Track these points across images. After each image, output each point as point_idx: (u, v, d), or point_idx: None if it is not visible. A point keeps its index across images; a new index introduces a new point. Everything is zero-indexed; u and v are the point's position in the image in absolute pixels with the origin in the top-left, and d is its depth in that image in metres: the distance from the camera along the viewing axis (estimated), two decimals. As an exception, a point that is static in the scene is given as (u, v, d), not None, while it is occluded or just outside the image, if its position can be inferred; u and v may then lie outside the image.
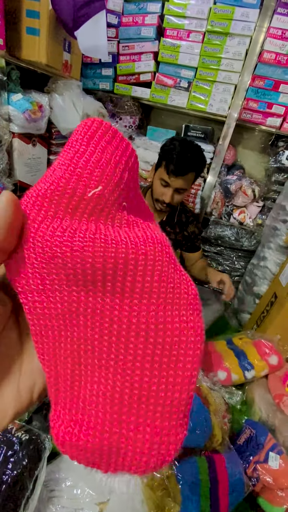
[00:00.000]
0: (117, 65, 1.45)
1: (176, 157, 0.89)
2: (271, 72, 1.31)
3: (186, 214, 1.15)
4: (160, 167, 0.96)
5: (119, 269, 0.13)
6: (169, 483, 0.67)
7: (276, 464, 0.83)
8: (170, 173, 0.91)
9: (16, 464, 0.56)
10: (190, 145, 0.93)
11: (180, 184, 0.93)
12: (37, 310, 0.14)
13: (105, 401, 0.14)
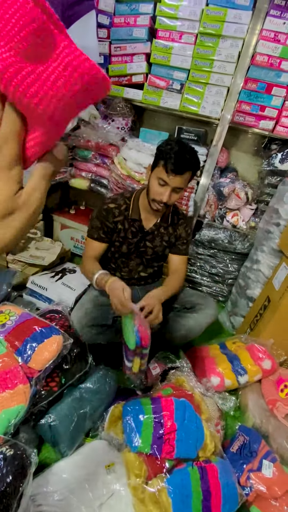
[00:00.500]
0: (109, 66, 1.43)
1: (175, 156, 0.91)
2: (264, 75, 1.30)
3: (178, 216, 1.15)
4: (157, 167, 0.97)
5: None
6: (160, 497, 0.65)
7: (270, 472, 0.82)
8: (170, 171, 0.93)
9: (0, 481, 0.54)
10: (186, 146, 0.96)
11: (178, 183, 0.95)
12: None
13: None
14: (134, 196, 1.10)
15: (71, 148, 1.64)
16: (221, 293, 1.79)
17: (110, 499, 0.72)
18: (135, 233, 1.10)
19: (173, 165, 0.92)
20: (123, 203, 1.09)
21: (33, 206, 0.22)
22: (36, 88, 0.18)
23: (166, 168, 0.93)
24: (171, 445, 0.73)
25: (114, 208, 1.07)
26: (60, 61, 0.18)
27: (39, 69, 0.18)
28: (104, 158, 1.61)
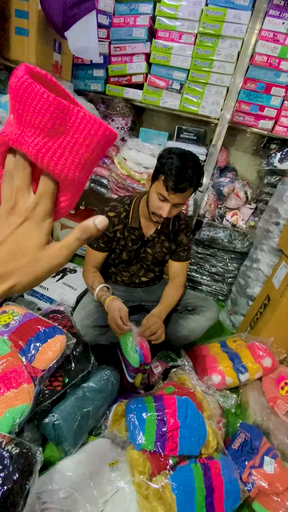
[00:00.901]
0: (109, 66, 1.43)
1: (176, 174, 0.86)
2: (263, 75, 1.31)
3: (179, 222, 1.13)
4: (157, 181, 0.92)
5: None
6: (164, 494, 0.66)
7: (271, 469, 0.83)
8: (170, 189, 0.87)
9: (6, 479, 0.54)
10: (189, 159, 0.89)
11: (178, 200, 0.91)
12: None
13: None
14: (134, 203, 1.06)
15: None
16: (221, 292, 1.80)
17: (114, 496, 0.73)
18: (135, 240, 1.08)
19: (173, 183, 0.86)
20: (122, 211, 1.05)
21: (57, 260, 0.24)
22: (63, 161, 0.22)
23: (167, 186, 0.87)
24: (174, 442, 0.74)
25: (113, 217, 1.04)
26: (80, 132, 0.22)
27: (64, 142, 0.22)
28: (104, 158, 1.62)
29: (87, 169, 0.24)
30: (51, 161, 0.22)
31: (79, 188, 0.25)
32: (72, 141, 0.22)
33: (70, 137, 0.22)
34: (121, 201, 1.08)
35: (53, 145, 0.22)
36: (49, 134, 0.21)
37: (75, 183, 0.24)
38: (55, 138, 0.22)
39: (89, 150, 0.22)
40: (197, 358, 1.20)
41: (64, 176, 0.23)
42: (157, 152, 1.49)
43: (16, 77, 0.20)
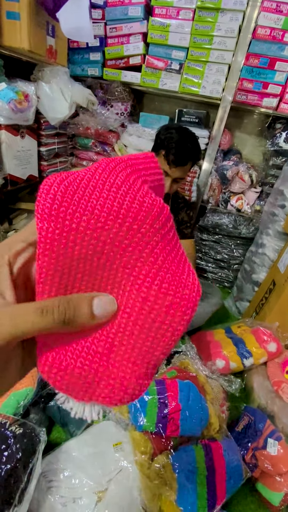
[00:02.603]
0: (105, 49, 1.39)
1: (176, 147, 0.88)
2: (266, 49, 1.24)
3: (178, 201, 1.13)
4: (157, 156, 0.93)
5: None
6: (165, 472, 0.67)
7: (275, 450, 0.84)
8: (171, 163, 0.89)
9: (10, 458, 0.56)
10: (188, 133, 0.92)
11: (179, 174, 0.93)
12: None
13: (96, 345, 0.17)
14: None
15: (70, 136, 1.62)
16: (227, 279, 1.78)
17: (118, 475, 0.75)
18: None
19: (175, 156, 0.88)
20: None
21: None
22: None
23: (168, 160, 0.89)
24: (175, 424, 0.75)
25: None
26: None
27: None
28: (104, 146, 1.59)
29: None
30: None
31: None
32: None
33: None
34: None
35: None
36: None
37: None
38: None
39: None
40: (201, 344, 1.20)
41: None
42: (157, 137, 1.45)
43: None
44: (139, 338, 0.17)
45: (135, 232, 0.16)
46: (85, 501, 0.69)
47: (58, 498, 0.69)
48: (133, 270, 0.16)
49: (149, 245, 0.16)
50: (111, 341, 0.17)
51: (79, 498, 0.70)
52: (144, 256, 0.16)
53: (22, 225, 1.51)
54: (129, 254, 0.16)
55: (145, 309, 0.17)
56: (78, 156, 1.68)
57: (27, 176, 1.36)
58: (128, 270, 0.17)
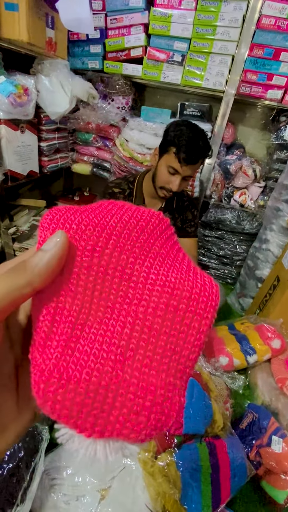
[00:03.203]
0: (106, 41, 1.36)
1: (187, 145, 0.85)
2: (271, 39, 1.21)
3: (183, 199, 1.11)
4: (166, 153, 0.90)
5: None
6: (169, 470, 0.67)
7: (279, 448, 0.83)
8: (182, 161, 0.87)
9: (12, 457, 0.56)
10: (199, 131, 0.89)
11: (189, 172, 0.91)
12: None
13: (105, 350, 0.13)
14: (137, 180, 1.05)
15: (71, 131, 1.60)
16: (230, 275, 1.77)
17: (121, 472, 0.75)
18: None
19: (186, 154, 0.85)
20: (126, 188, 1.04)
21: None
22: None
23: (179, 158, 0.86)
24: (179, 421, 0.74)
25: (118, 193, 1.04)
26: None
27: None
28: (105, 141, 1.57)
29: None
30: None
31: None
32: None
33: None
34: (125, 178, 1.08)
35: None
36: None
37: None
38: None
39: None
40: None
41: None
42: (160, 131, 1.43)
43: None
44: (162, 333, 0.14)
45: (138, 235, 0.15)
46: (88, 499, 0.69)
47: (61, 496, 0.68)
48: (145, 266, 0.15)
49: (156, 245, 0.16)
50: (125, 343, 0.14)
51: (82, 496, 0.70)
52: (154, 253, 0.16)
53: (23, 221, 1.50)
54: (138, 253, 0.15)
55: (165, 296, 0.14)
56: (79, 152, 1.66)
57: (27, 172, 1.35)
58: (139, 267, 0.15)
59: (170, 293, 0.15)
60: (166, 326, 0.14)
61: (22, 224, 1.49)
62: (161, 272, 0.15)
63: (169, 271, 0.15)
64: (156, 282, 0.15)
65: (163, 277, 0.15)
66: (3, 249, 1.44)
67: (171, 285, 0.15)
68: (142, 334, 0.14)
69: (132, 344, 0.14)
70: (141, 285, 0.15)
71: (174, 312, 0.14)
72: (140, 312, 0.14)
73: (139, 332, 0.14)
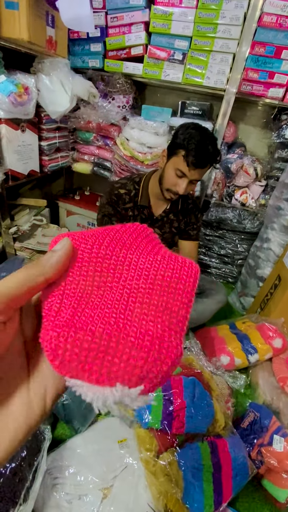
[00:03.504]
0: (106, 39, 1.35)
1: (197, 148, 0.84)
2: (272, 37, 1.20)
3: (187, 201, 1.10)
4: (175, 156, 0.89)
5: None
6: (171, 469, 0.67)
7: (281, 447, 0.83)
8: (191, 164, 0.86)
9: (14, 457, 0.56)
10: (209, 135, 0.88)
11: (197, 176, 0.90)
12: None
13: (107, 311, 0.16)
14: (143, 181, 1.04)
15: (71, 130, 1.60)
16: (231, 275, 1.76)
17: (123, 471, 0.75)
18: (144, 220, 1.06)
19: (195, 158, 0.84)
20: (132, 189, 1.04)
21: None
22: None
23: (188, 161, 0.85)
24: (181, 421, 0.74)
25: (124, 193, 1.03)
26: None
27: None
28: (106, 140, 1.57)
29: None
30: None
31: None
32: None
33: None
34: (131, 179, 1.06)
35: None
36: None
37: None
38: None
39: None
40: (205, 340, 1.19)
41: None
42: (160, 130, 1.42)
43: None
44: (153, 294, 0.17)
45: (127, 237, 0.19)
46: (91, 498, 0.69)
47: (63, 495, 0.69)
48: (134, 255, 0.19)
49: (141, 243, 0.20)
50: (124, 305, 0.16)
51: (84, 495, 0.70)
52: (140, 248, 0.19)
53: (24, 221, 1.50)
54: (127, 248, 0.19)
55: (153, 270, 0.18)
56: (79, 151, 1.66)
57: (28, 171, 1.34)
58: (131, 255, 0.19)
59: (157, 268, 0.18)
60: (156, 289, 0.17)
61: (23, 224, 1.49)
62: (147, 257, 0.19)
63: (155, 256, 0.19)
64: (145, 263, 0.18)
65: (150, 258, 0.19)
66: (4, 248, 1.44)
67: (157, 262, 0.18)
68: (137, 297, 0.17)
69: (130, 305, 0.17)
70: (133, 266, 0.18)
71: (162, 279, 0.18)
72: (134, 284, 0.17)
73: (135, 297, 0.17)
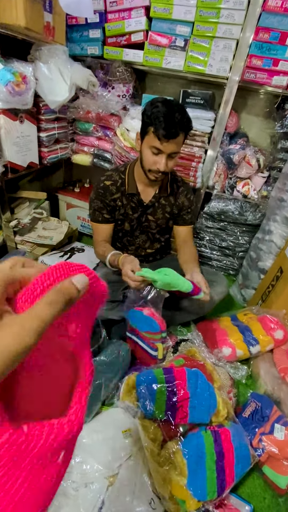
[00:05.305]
0: (105, 25, 1.31)
1: (164, 120, 0.83)
2: (277, 23, 1.16)
3: (177, 184, 1.10)
4: (146, 135, 0.89)
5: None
6: (175, 458, 0.68)
7: (282, 435, 0.85)
8: (162, 138, 0.85)
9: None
10: (174, 104, 0.87)
11: (173, 148, 0.89)
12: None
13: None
14: (128, 169, 1.04)
15: (71, 121, 1.56)
16: (232, 267, 1.76)
17: (128, 460, 0.76)
18: (135, 208, 1.06)
19: (164, 130, 0.84)
20: (118, 179, 1.04)
21: (20, 340, 0.17)
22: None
23: (158, 136, 0.85)
24: (184, 411, 0.75)
25: (110, 185, 1.03)
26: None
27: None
28: (106, 130, 1.54)
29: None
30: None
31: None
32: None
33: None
34: (116, 170, 1.07)
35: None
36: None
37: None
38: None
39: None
40: (207, 332, 1.20)
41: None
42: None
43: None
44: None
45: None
46: (97, 485, 0.71)
47: (70, 483, 0.70)
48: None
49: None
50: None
51: (90, 483, 0.72)
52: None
53: (24, 214, 1.49)
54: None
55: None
56: (79, 142, 1.63)
57: (27, 163, 1.32)
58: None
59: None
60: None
61: (23, 217, 1.48)
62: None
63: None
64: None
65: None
66: (4, 242, 1.43)
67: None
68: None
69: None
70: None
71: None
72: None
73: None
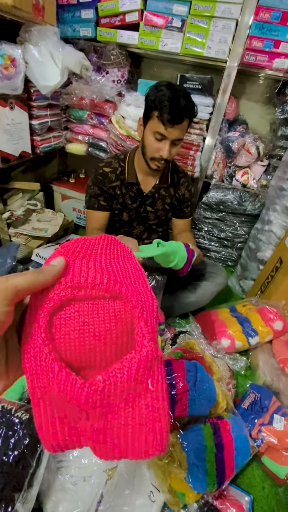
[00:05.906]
0: (98, 5, 1.24)
1: (170, 104, 0.80)
2: (279, 1, 1.11)
3: (178, 175, 1.07)
4: (150, 120, 0.86)
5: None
6: (175, 451, 0.68)
7: (281, 426, 0.84)
8: (167, 123, 0.82)
9: (17, 444, 0.55)
10: (179, 88, 0.84)
11: (177, 134, 0.86)
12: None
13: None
14: (128, 157, 1.00)
15: (64, 108, 1.51)
16: (230, 258, 1.75)
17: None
18: (134, 198, 1.03)
19: (169, 114, 0.80)
20: (118, 166, 1.00)
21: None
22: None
23: (163, 120, 0.82)
24: (183, 404, 0.74)
25: (109, 172, 0.99)
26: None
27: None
28: (100, 118, 1.49)
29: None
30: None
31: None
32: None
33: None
34: (116, 157, 1.03)
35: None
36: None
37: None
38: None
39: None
40: (206, 324, 1.19)
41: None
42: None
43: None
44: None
45: (98, 244, 0.27)
46: (95, 479, 0.70)
47: (68, 477, 0.69)
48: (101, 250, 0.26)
49: (108, 247, 0.27)
50: (104, 267, 0.23)
51: (89, 476, 0.71)
52: (107, 250, 0.26)
53: (18, 205, 1.45)
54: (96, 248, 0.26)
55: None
56: (73, 130, 1.57)
57: (19, 153, 1.28)
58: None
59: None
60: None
61: (17, 209, 1.44)
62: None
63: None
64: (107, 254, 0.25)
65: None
66: (-2, 234, 1.40)
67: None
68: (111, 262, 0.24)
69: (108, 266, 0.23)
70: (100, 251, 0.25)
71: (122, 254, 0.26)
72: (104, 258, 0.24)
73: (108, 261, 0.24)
